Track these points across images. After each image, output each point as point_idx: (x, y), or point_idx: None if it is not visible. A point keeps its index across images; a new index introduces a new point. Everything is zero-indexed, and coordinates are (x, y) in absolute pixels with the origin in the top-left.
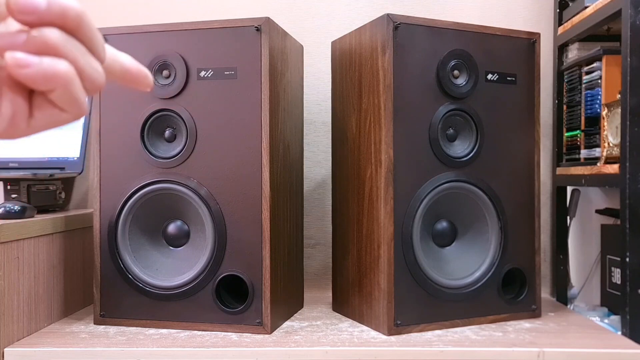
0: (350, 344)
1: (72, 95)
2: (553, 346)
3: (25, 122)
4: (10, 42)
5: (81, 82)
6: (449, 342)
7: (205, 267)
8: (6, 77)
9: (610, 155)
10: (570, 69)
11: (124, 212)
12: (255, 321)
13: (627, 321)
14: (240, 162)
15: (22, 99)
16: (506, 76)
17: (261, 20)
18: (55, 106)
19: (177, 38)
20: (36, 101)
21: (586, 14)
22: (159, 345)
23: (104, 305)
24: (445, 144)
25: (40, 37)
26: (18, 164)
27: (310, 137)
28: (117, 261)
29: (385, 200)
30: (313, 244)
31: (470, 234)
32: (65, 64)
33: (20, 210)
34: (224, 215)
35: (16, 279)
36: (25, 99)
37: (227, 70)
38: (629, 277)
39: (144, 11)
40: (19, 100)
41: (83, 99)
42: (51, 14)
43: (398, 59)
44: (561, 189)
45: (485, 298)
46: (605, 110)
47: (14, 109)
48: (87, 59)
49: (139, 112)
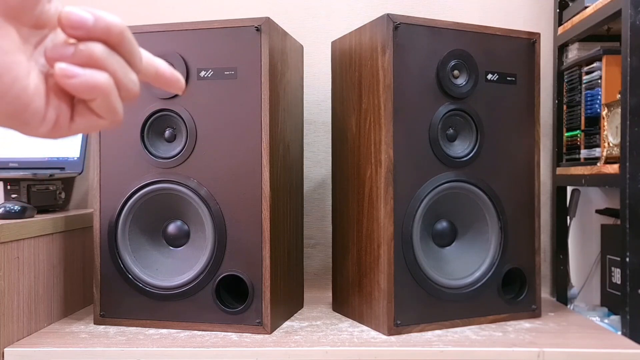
0: (350, 344)
1: (110, 105)
2: (553, 346)
3: (67, 126)
4: (60, 54)
5: (118, 91)
6: (449, 342)
7: (205, 267)
8: (54, 85)
9: (610, 155)
10: (570, 69)
11: (124, 212)
12: (255, 321)
13: (627, 321)
14: (240, 162)
15: (65, 106)
16: (506, 76)
17: (261, 20)
18: (94, 113)
19: (177, 38)
20: (78, 107)
21: (586, 14)
22: (159, 345)
23: (104, 305)
24: (445, 144)
25: (86, 51)
26: (18, 164)
27: (310, 137)
28: (117, 261)
29: (385, 200)
30: (313, 244)
31: (470, 234)
32: (105, 77)
33: (20, 210)
34: (224, 215)
35: (16, 279)
36: (69, 105)
37: (227, 70)
38: (629, 277)
39: (144, 11)
40: (63, 106)
41: (120, 108)
42: (97, 30)
43: (398, 59)
44: (561, 189)
45: (485, 298)
46: (605, 110)
47: (57, 114)
48: (126, 71)
49: (139, 112)
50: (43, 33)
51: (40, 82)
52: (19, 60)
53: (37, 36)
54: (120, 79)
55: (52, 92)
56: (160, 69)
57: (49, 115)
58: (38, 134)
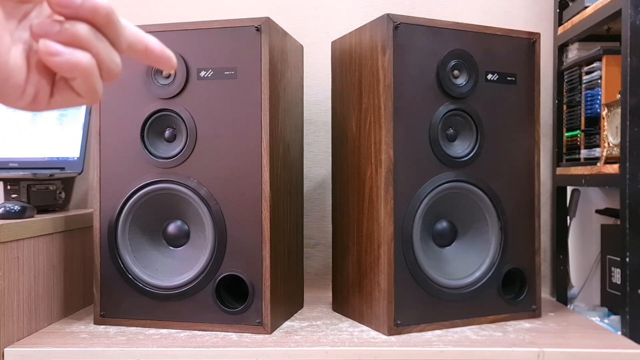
0: (350, 344)
1: (91, 85)
2: (553, 346)
3: (46, 101)
4: (46, 31)
5: (100, 72)
6: (449, 342)
7: (205, 267)
8: (37, 61)
9: (610, 155)
10: (570, 69)
11: (124, 212)
12: (255, 321)
13: (627, 321)
14: (240, 162)
15: (46, 82)
16: (506, 76)
17: (261, 20)
18: (74, 91)
19: (177, 38)
20: (58, 84)
21: (586, 14)
22: (159, 345)
23: (104, 305)
24: (445, 144)
25: (71, 30)
26: (18, 164)
27: (310, 137)
28: (117, 261)
29: (385, 200)
30: (313, 244)
31: (470, 234)
32: (88, 57)
33: (20, 210)
34: (224, 215)
35: (16, 279)
36: (49, 82)
37: (227, 70)
38: (629, 277)
39: (144, 11)
40: (43, 82)
41: (99, 88)
42: (84, 10)
43: (398, 58)
44: (561, 189)
45: (485, 298)
46: (605, 110)
47: (37, 90)
48: (109, 53)
49: (139, 112)
50: (28, 7)
51: (20, 58)
52: (0, 36)
53: (22, 10)
54: (102, 60)
55: (34, 68)
56: (150, 45)
57: (28, 90)
58: (16, 106)
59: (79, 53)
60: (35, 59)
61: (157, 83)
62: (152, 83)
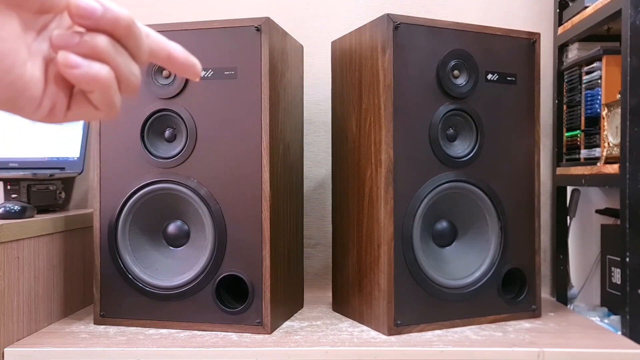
0: (350, 344)
1: (109, 98)
2: (553, 346)
3: (63, 114)
4: (65, 42)
5: (119, 85)
6: (449, 342)
7: (205, 267)
8: (55, 72)
9: (610, 155)
10: (570, 69)
11: (124, 212)
12: (255, 321)
13: (627, 321)
14: (240, 162)
15: (63, 95)
16: (506, 76)
17: (261, 20)
18: (91, 104)
19: (177, 38)
20: (76, 97)
21: (586, 14)
22: (159, 345)
23: (104, 305)
24: (445, 144)
25: (91, 42)
26: (18, 164)
27: (310, 137)
28: (117, 261)
29: (385, 200)
30: (313, 244)
31: (470, 234)
32: (106, 70)
33: (20, 210)
34: (224, 215)
35: (16, 279)
36: (67, 94)
37: (227, 70)
38: (629, 277)
39: (144, 11)
40: (60, 95)
41: (117, 101)
42: (105, 21)
43: (398, 59)
44: (561, 189)
45: (485, 298)
46: (605, 110)
47: (54, 102)
48: (128, 66)
49: (139, 112)
50: (48, 18)
51: (38, 70)
52: (17, 48)
53: (42, 21)
54: (121, 73)
55: (52, 80)
56: (174, 53)
57: (45, 103)
58: (33, 119)
59: (98, 66)
60: (54, 71)
61: (157, 83)
62: (152, 83)
